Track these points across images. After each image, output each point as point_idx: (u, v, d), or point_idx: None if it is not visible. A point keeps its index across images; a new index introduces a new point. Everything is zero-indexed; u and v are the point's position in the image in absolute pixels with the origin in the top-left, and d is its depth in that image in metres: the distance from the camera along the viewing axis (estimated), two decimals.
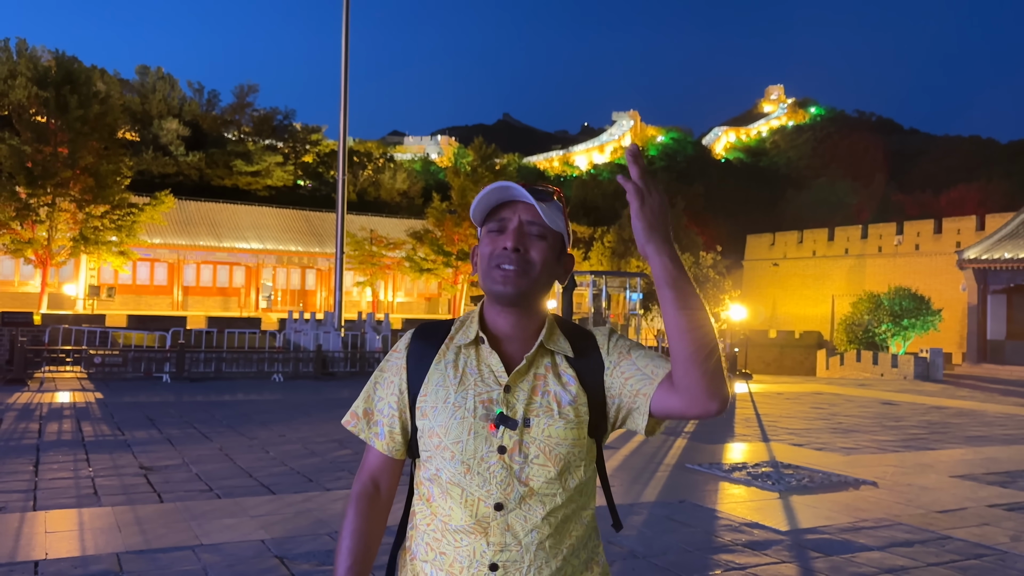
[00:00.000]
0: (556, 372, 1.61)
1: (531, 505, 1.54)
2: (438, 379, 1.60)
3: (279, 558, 5.19)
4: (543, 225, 1.60)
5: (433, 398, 1.59)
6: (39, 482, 7.29)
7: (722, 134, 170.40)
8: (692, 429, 12.46)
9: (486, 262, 1.61)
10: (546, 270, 1.60)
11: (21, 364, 16.27)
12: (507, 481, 1.53)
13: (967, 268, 35.37)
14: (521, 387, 1.58)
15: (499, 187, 1.59)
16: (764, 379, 26.18)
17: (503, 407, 1.55)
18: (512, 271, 1.57)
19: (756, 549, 5.75)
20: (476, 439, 1.54)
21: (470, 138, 53.98)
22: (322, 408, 13.71)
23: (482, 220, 1.64)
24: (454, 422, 1.55)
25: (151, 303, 44.07)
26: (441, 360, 1.63)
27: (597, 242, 54.47)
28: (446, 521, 1.56)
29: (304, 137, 69.04)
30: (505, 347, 1.62)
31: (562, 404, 1.57)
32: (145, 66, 68.35)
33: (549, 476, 1.55)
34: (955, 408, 17.42)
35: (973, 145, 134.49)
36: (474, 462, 1.54)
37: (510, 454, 1.54)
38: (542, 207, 1.57)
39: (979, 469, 9.45)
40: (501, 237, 1.60)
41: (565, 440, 1.56)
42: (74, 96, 33.39)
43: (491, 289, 1.60)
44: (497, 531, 1.53)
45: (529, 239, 1.59)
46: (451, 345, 1.64)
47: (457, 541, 1.55)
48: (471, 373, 1.59)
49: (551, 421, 1.56)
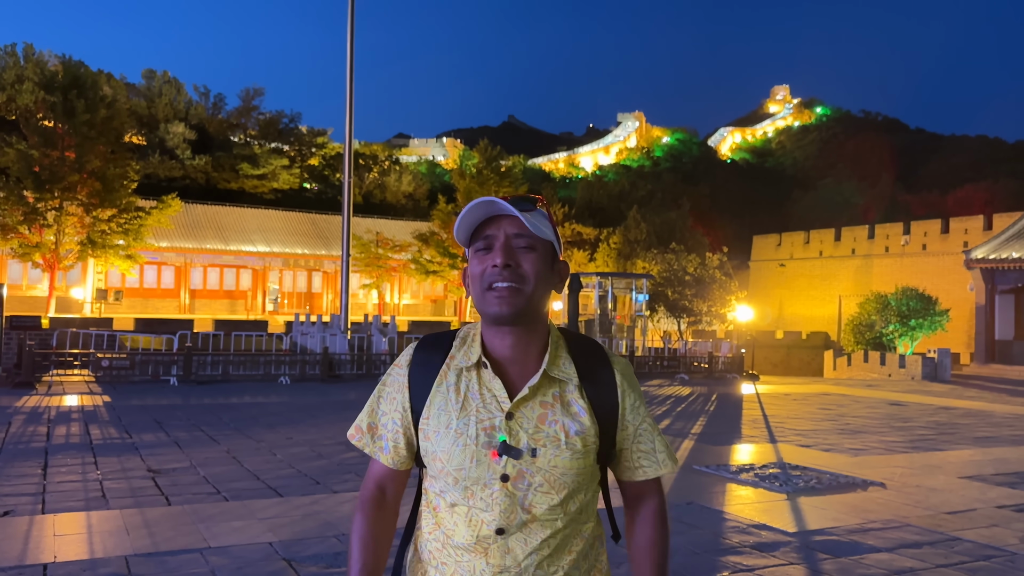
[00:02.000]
0: (564, 401, 1.59)
1: (532, 529, 1.54)
2: (440, 403, 1.58)
3: (287, 561, 5.20)
4: (531, 236, 1.56)
5: (435, 422, 1.57)
6: (47, 485, 7.31)
7: (728, 135, 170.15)
8: (699, 431, 12.45)
9: (478, 284, 1.57)
10: (541, 282, 1.57)
11: (29, 368, 16.32)
12: (510, 509, 1.53)
13: (975, 268, 35.24)
14: (525, 414, 1.55)
15: (481, 203, 1.55)
16: (771, 380, 26.11)
17: (505, 434, 1.53)
18: (506, 288, 1.53)
19: (764, 551, 5.74)
20: (479, 467, 1.53)
21: (475, 140, 54.00)
22: (329, 410, 13.72)
23: (467, 241, 1.60)
24: (456, 449, 1.54)
25: (158, 306, 44.22)
26: (443, 383, 1.60)
27: (603, 243, 54.45)
28: (449, 535, 1.57)
29: (310, 140, 69.18)
30: (508, 370, 1.59)
31: (569, 434, 1.56)
32: (151, 70, 68.53)
33: (552, 503, 1.55)
34: (963, 409, 17.35)
35: (980, 144, 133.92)
36: (476, 488, 1.53)
37: (513, 482, 1.53)
38: (526, 217, 1.54)
39: (988, 470, 9.41)
40: (489, 255, 1.56)
41: (571, 470, 1.56)
42: (81, 100, 33.53)
43: (487, 312, 1.56)
44: (497, 553, 1.53)
45: (518, 253, 1.56)
46: (452, 366, 1.61)
47: (458, 556, 1.55)
48: (473, 398, 1.57)
49: (557, 452, 1.54)
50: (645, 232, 52.05)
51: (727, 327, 35.14)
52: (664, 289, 33.03)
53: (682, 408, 15.95)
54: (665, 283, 33.29)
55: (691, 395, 18.89)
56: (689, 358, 26.31)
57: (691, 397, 18.39)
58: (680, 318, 33.30)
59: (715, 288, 32.59)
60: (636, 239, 52.18)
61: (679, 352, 27.09)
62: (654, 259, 39.69)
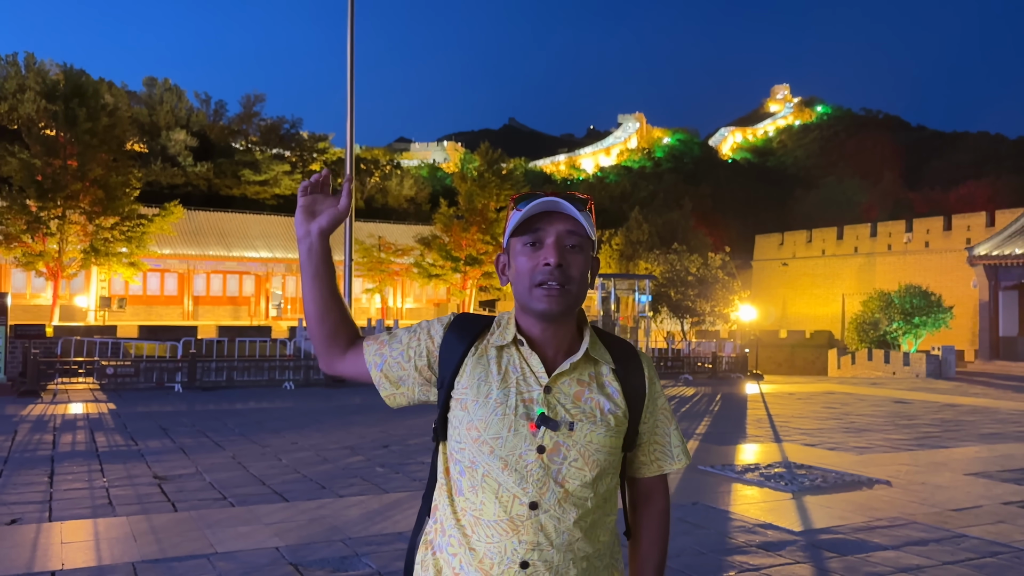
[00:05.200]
0: (600, 382, 1.65)
1: (565, 508, 1.57)
2: (480, 373, 1.62)
3: (293, 565, 5.21)
4: (581, 236, 1.62)
5: (474, 392, 1.61)
6: (54, 493, 7.33)
7: (729, 135, 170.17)
8: (704, 431, 12.44)
9: (527, 279, 1.61)
10: (583, 283, 1.63)
11: (34, 376, 16.36)
12: (543, 480, 1.56)
13: (978, 265, 35.17)
14: (562, 390, 1.61)
15: (547, 201, 1.59)
16: (775, 379, 26.08)
17: (544, 407, 1.58)
18: (556, 289, 1.58)
19: (770, 550, 5.74)
20: (516, 436, 1.56)
21: (476, 143, 54.03)
22: (333, 415, 13.73)
23: (514, 230, 1.64)
24: (495, 418, 1.57)
25: (162, 313, 44.27)
26: (483, 356, 1.64)
27: (605, 245, 54.44)
28: (477, 516, 1.58)
29: (311, 145, 69.25)
30: (542, 349, 1.65)
31: (604, 411, 1.62)
32: (152, 78, 68.70)
33: (585, 480, 1.58)
34: (968, 406, 17.32)
35: (982, 141, 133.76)
36: (512, 459, 1.56)
37: (549, 454, 1.57)
38: (583, 216, 1.60)
39: (993, 467, 9.40)
40: (540, 252, 1.60)
41: (604, 447, 1.61)
42: (83, 109, 33.58)
43: (535, 307, 1.61)
44: (530, 530, 1.55)
45: (568, 253, 1.61)
46: (491, 342, 1.66)
47: (488, 536, 1.56)
48: (514, 371, 1.62)
49: (593, 427, 1.59)
50: (647, 233, 52.05)
51: (730, 327, 35.10)
52: (667, 290, 33.00)
53: (687, 408, 15.94)
54: (668, 284, 33.27)
55: (695, 395, 18.88)
56: (693, 359, 26.29)
57: (695, 397, 18.38)
58: (683, 319, 33.26)
59: (718, 288, 32.54)
60: (638, 240, 52.18)
61: (683, 353, 27.08)
62: (656, 260, 39.68)
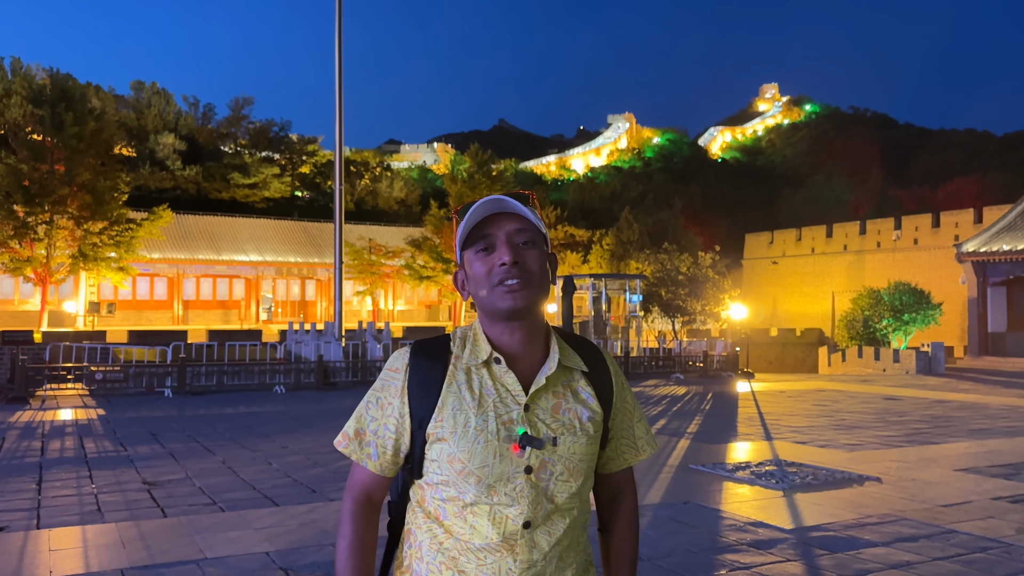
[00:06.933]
0: (572, 389, 1.63)
1: (555, 520, 1.56)
2: (454, 403, 1.56)
3: (284, 570, 5.19)
4: (532, 231, 1.60)
5: (451, 423, 1.54)
6: (42, 500, 7.28)
7: (718, 134, 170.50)
8: (695, 430, 12.46)
9: (485, 282, 1.58)
10: (544, 276, 1.61)
11: (23, 382, 16.26)
12: (536, 500, 1.54)
13: (966, 261, 35.37)
14: (540, 405, 1.57)
15: (491, 200, 1.57)
16: (766, 377, 26.16)
17: (525, 427, 1.54)
18: (517, 284, 1.55)
19: (761, 548, 5.75)
20: (503, 462, 1.53)
21: (466, 145, 54.06)
22: (324, 419, 13.69)
23: (462, 244, 1.62)
24: (478, 446, 1.52)
25: (151, 318, 44.08)
26: (452, 383, 1.58)
27: (596, 245, 54.53)
28: (466, 540, 1.54)
29: (300, 148, 69.13)
30: (516, 364, 1.60)
31: (583, 420, 1.60)
32: (140, 81, 68.48)
33: (571, 491, 1.57)
34: (958, 402, 17.40)
35: (969, 138, 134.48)
36: (500, 484, 1.53)
37: (537, 473, 1.54)
38: (529, 212, 1.59)
39: (983, 462, 9.44)
40: (493, 254, 1.58)
41: (587, 456, 1.60)
42: (69, 113, 33.44)
43: (500, 307, 1.56)
44: (525, 548, 1.53)
45: (522, 250, 1.58)
46: (459, 365, 1.60)
47: (480, 559, 1.53)
48: (488, 394, 1.57)
49: (575, 439, 1.58)
50: (637, 233, 52.10)
51: (721, 326, 35.20)
52: (658, 289, 33.04)
53: (678, 407, 15.97)
54: (659, 283, 33.31)
55: (687, 394, 18.91)
56: (684, 357, 26.35)
57: (687, 396, 18.41)
58: (674, 318, 33.32)
59: (708, 287, 32.61)
60: (629, 240, 52.23)
61: (674, 352, 27.13)
62: (647, 259, 39.72)
